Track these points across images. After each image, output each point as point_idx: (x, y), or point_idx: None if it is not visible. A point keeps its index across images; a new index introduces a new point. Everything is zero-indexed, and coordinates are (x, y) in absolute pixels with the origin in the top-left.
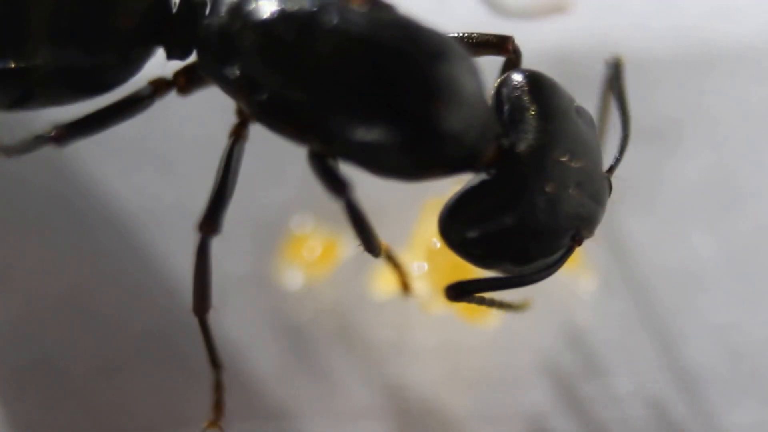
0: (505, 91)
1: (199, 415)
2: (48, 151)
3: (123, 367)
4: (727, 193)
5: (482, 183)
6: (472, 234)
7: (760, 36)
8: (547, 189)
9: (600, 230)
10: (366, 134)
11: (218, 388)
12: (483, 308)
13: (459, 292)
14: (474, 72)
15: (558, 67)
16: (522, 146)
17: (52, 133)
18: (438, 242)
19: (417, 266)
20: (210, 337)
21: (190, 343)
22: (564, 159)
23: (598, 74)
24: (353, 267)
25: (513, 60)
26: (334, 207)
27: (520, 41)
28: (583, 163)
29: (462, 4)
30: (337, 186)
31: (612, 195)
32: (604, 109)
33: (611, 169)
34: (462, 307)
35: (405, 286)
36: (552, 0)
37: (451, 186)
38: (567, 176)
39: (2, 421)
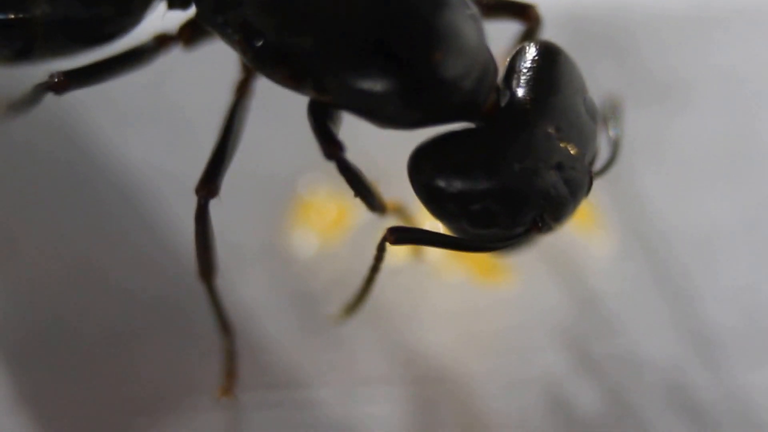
0: (520, 58)
1: (211, 382)
2: (54, 117)
3: (133, 334)
4: (743, 151)
5: (467, 132)
6: (440, 181)
7: None
8: (530, 156)
9: (615, 191)
10: (362, 81)
11: (230, 355)
12: (497, 272)
13: (400, 237)
14: (475, 19)
15: (570, 26)
16: (517, 109)
17: (51, 81)
18: None
19: (431, 226)
20: (219, 303)
21: (201, 309)
22: (554, 135)
23: (611, 29)
24: (366, 232)
25: (533, 28)
26: None
27: None
28: (571, 148)
29: None
30: (330, 146)
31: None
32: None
33: (600, 171)
34: (477, 270)
35: (417, 248)
36: None
37: None
38: (551, 152)
39: (12, 389)
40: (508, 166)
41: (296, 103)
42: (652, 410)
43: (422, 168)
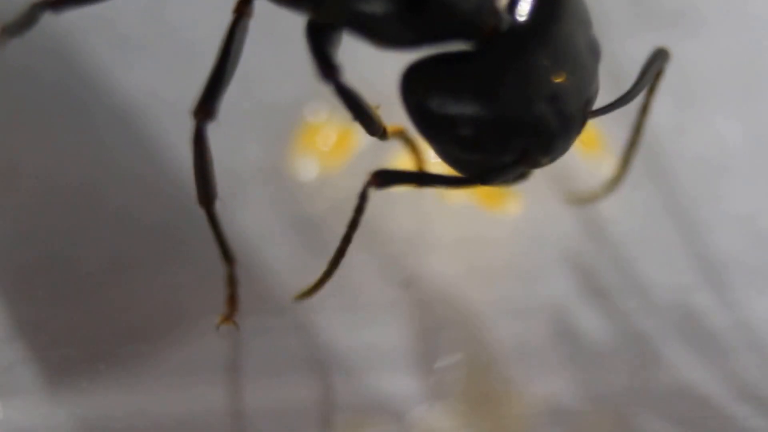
0: None
1: (212, 309)
2: (53, 42)
3: (133, 262)
4: (752, 78)
5: (462, 54)
6: (430, 101)
7: None
8: (523, 84)
9: (622, 116)
10: None
11: (231, 282)
12: (503, 198)
13: (385, 180)
14: None
15: None
16: (517, 35)
17: None
18: None
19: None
20: (220, 230)
21: (201, 237)
22: (551, 66)
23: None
24: (369, 156)
25: None
26: None
27: None
28: (567, 81)
29: None
30: (326, 68)
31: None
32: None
33: (593, 112)
34: (482, 196)
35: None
36: None
37: None
38: (544, 83)
39: (10, 317)
40: (498, 92)
41: (298, 28)
42: (659, 337)
43: (414, 87)
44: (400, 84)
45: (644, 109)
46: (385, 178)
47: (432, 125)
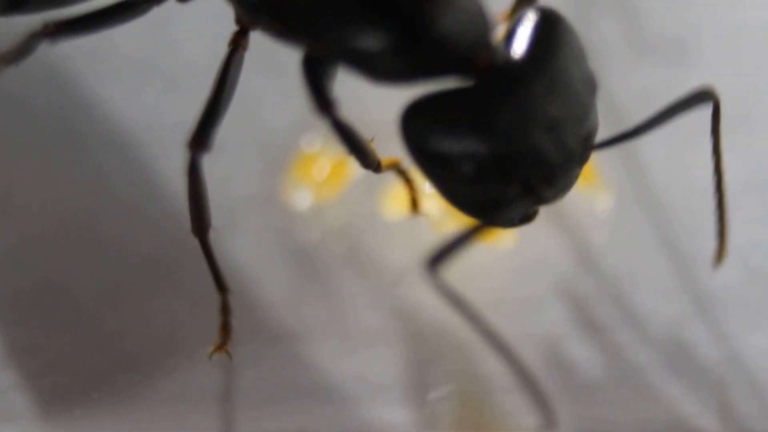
0: (520, 22)
1: (205, 338)
2: (48, 69)
3: (126, 289)
4: (748, 107)
5: (459, 90)
6: (430, 137)
7: None
8: (522, 116)
9: (616, 149)
10: (355, 33)
11: (225, 310)
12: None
13: (437, 262)
14: None
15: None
16: (512, 68)
17: (45, 29)
18: None
19: (428, 183)
20: (213, 259)
21: (195, 265)
22: (547, 97)
23: None
24: (363, 186)
25: None
26: None
27: None
28: (563, 113)
29: None
30: (322, 103)
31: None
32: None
33: (599, 144)
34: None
35: (415, 204)
36: None
37: None
38: (541, 115)
39: (3, 343)
40: (496, 125)
41: (293, 59)
42: (652, 368)
43: (413, 127)
44: (400, 125)
45: (716, 156)
46: (436, 261)
47: (433, 164)
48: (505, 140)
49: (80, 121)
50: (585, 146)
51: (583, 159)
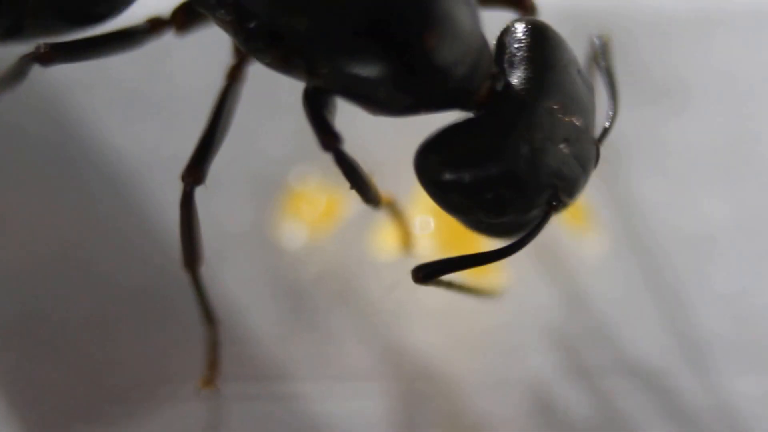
0: (508, 36)
1: (193, 372)
2: (43, 100)
3: (115, 321)
4: (739, 154)
5: (468, 122)
6: (448, 174)
7: None
8: (536, 135)
9: (608, 190)
10: (353, 64)
11: (213, 345)
12: (487, 270)
13: (428, 273)
14: (469, 4)
15: (568, 23)
16: (515, 90)
17: (37, 51)
18: None
19: (421, 221)
20: (203, 293)
21: (185, 299)
22: (555, 110)
23: (612, 29)
24: (355, 225)
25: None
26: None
27: None
28: (575, 121)
29: None
30: (327, 136)
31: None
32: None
33: (599, 139)
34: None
35: (407, 243)
36: None
37: None
38: (556, 129)
39: None
40: (515, 149)
41: (289, 93)
42: (639, 414)
43: (429, 165)
44: (416, 168)
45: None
46: (426, 272)
47: (455, 199)
48: (525, 164)
49: (74, 152)
50: (597, 148)
51: (597, 161)
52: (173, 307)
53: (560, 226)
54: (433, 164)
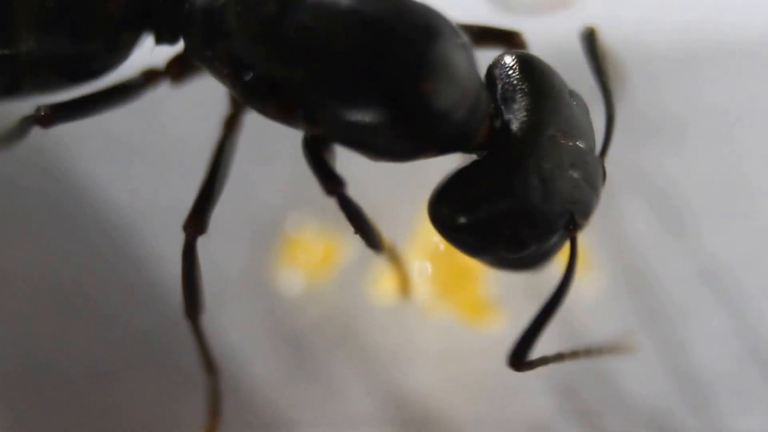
0: (497, 71)
1: (194, 421)
2: (40, 152)
3: (117, 370)
4: (736, 192)
5: (474, 164)
6: (463, 218)
7: None
8: (543, 166)
9: (605, 230)
10: (353, 112)
11: (214, 394)
12: (485, 312)
13: (522, 354)
14: (465, 48)
15: (563, 62)
16: (515, 125)
17: (38, 114)
18: (441, 244)
19: (419, 266)
20: (204, 342)
21: (186, 347)
22: (558, 138)
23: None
24: (353, 271)
25: None
26: (333, 208)
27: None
28: (578, 144)
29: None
30: (330, 181)
31: (607, 183)
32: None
33: (603, 153)
34: (464, 311)
35: (405, 288)
36: None
37: None
38: (561, 156)
39: None
40: (526, 183)
41: (284, 140)
42: None
43: (443, 214)
44: (431, 218)
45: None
46: (520, 355)
47: (477, 243)
48: (539, 196)
49: (71, 204)
50: (602, 165)
51: (605, 177)
52: (173, 355)
53: (557, 266)
54: (448, 212)
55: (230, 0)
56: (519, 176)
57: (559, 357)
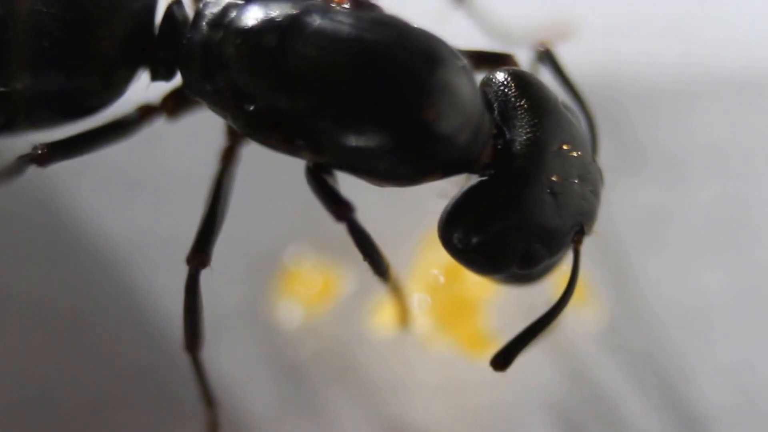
0: (490, 90)
1: None
2: (37, 185)
3: (113, 404)
4: (736, 227)
5: (480, 184)
6: (475, 239)
7: None
8: (552, 180)
9: (606, 264)
10: (357, 140)
11: (212, 427)
12: (485, 345)
13: (507, 357)
14: (466, 71)
15: (563, 94)
16: (518, 142)
17: (35, 153)
18: (441, 277)
19: (418, 299)
20: (203, 376)
21: (183, 380)
22: (561, 151)
23: (603, 101)
24: (352, 303)
25: None
26: (332, 240)
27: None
28: (581, 155)
29: (461, 30)
30: (339, 206)
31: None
32: None
33: (594, 155)
34: (464, 343)
35: (404, 320)
36: (555, 27)
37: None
38: (568, 168)
39: None
40: (536, 200)
41: (282, 172)
42: None
43: (454, 237)
44: (442, 242)
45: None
46: (505, 358)
47: (490, 263)
48: (550, 212)
49: (68, 237)
50: (601, 171)
51: (603, 182)
52: (170, 388)
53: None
54: (460, 234)
55: (229, 33)
56: (529, 193)
57: (525, 336)
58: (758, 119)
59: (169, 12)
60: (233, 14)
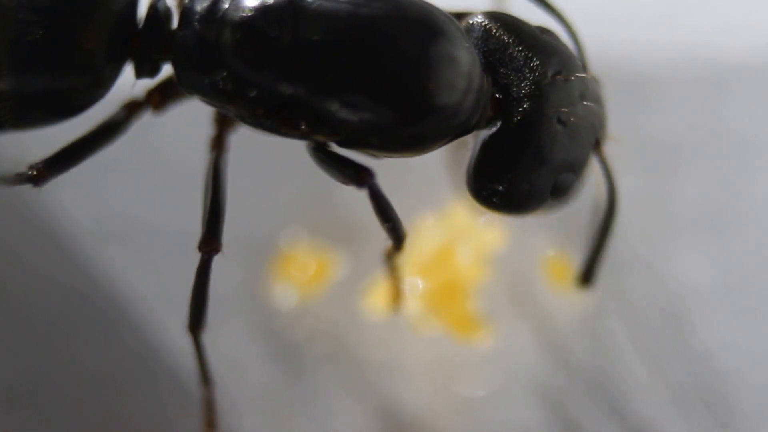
0: (481, 40)
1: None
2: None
3: (114, 381)
4: (723, 212)
5: (492, 137)
6: (505, 187)
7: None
8: (559, 110)
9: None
10: (363, 116)
11: (210, 405)
12: (475, 327)
13: (589, 274)
14: (463, 35)
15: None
16: (516, 86)
17: (31, 173)
18: (432, 261)
19: (409, 281)
20: (203, 356)
21: (181, 360)
22: (558, 78)
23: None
24: (346, 286)
25: None
26: (326, 225)
27: None
28: (576, 74)
29: None
30: (359, 173)
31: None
32: None
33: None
34: (454, 326)
35: (396, 302)
36: None
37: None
38: (569, 93)
39: None
40: (552, 134)
41: (277, 157)
42: None
43: (482, 192)
44: (476, 198)
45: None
46: (588, 275)
47: (525, 205)
48: (569, 140)
49: (66, 240)
50: (596, 78)
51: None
52: (169, 368)
53: (546, 285)
54: (488, 191)
55: (225, 26)
56: (541, 131)
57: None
58: (747, 108)
59: (152, 5)
60: (227, 5)
